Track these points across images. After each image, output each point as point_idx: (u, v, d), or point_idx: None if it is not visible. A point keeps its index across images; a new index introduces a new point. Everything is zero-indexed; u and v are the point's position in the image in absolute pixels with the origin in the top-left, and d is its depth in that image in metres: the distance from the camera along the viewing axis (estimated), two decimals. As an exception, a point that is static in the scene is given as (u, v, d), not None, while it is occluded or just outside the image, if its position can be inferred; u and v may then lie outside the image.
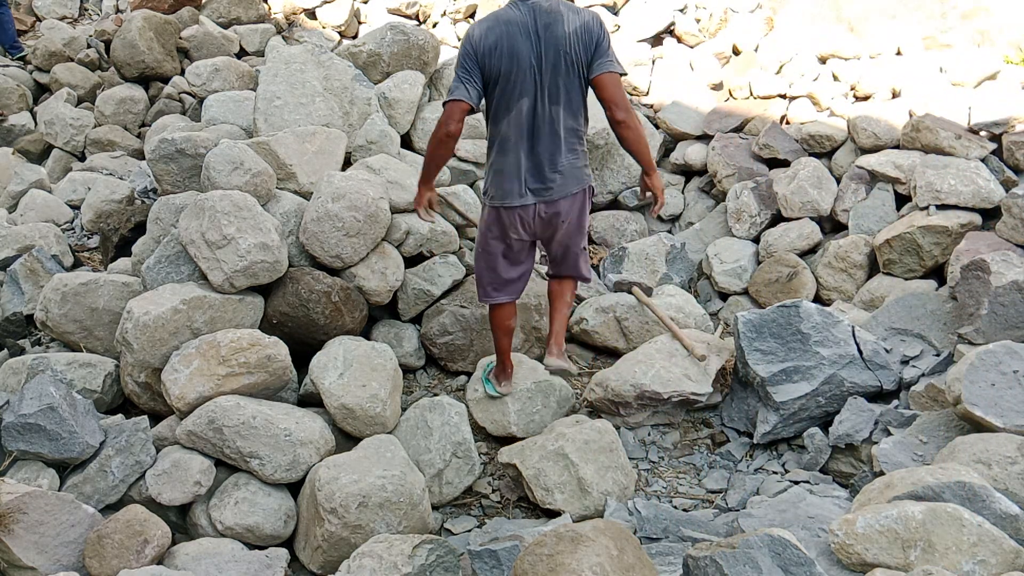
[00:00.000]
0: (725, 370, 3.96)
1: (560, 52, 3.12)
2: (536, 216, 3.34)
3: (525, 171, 3.26)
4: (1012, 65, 5.59)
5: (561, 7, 3.15)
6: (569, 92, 3.20)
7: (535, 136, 3.23)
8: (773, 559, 2.26)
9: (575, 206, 3.37)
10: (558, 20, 3.12)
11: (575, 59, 3.15)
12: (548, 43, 3.12)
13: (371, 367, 3.52)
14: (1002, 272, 3.60)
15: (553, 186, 3.27)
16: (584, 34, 3.14)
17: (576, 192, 3.33)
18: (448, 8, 8.25)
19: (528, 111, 3.19)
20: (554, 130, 3.22)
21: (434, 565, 2.64)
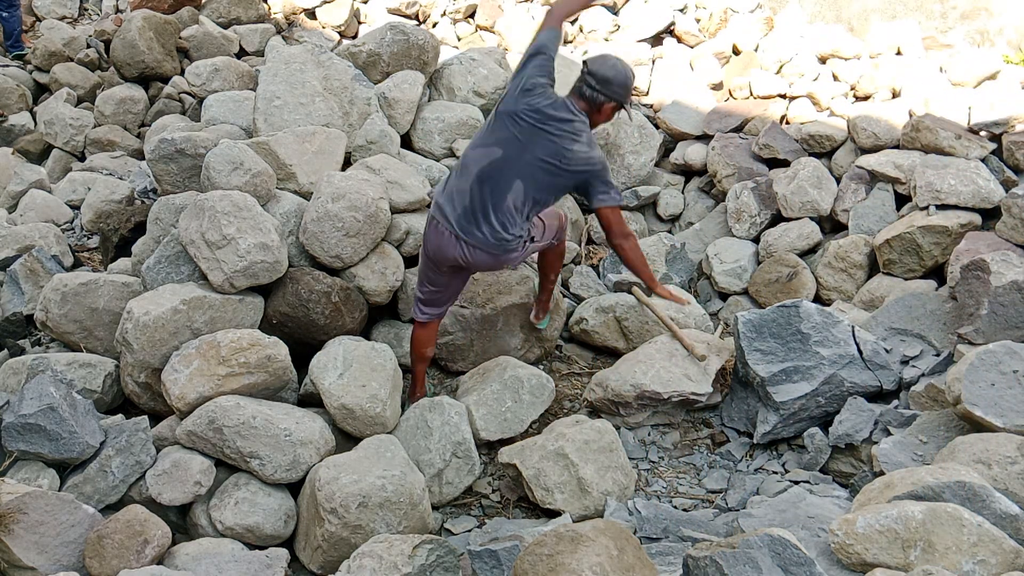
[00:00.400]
0: (725, 370, 3.96)
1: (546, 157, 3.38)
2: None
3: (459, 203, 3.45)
4: (1012, 65, 5.59)
5: (571, 129, 3.38)
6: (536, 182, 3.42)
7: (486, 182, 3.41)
8: (773, 559, 2.26)
9: (497, 262, 3.55)
10: (565, 135, 3.38)
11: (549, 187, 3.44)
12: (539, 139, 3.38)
13: (371, 367, 3.52)
14: (1002, 272, 3.60)
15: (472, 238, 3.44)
16: (576, 165, 3.40)
17: (500, 252, 3.47)
18: (448, 8, 8.25)
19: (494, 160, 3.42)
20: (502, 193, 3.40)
21: (434, 565, 2.64)
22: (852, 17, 6.72)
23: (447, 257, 3.51)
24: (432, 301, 3.71)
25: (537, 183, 3.39)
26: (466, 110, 5.01)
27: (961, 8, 6.23)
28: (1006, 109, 5.02)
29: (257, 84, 4.65)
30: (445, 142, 4.92)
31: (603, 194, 3.46)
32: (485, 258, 3.49)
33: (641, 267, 3.69)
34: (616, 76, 3.42)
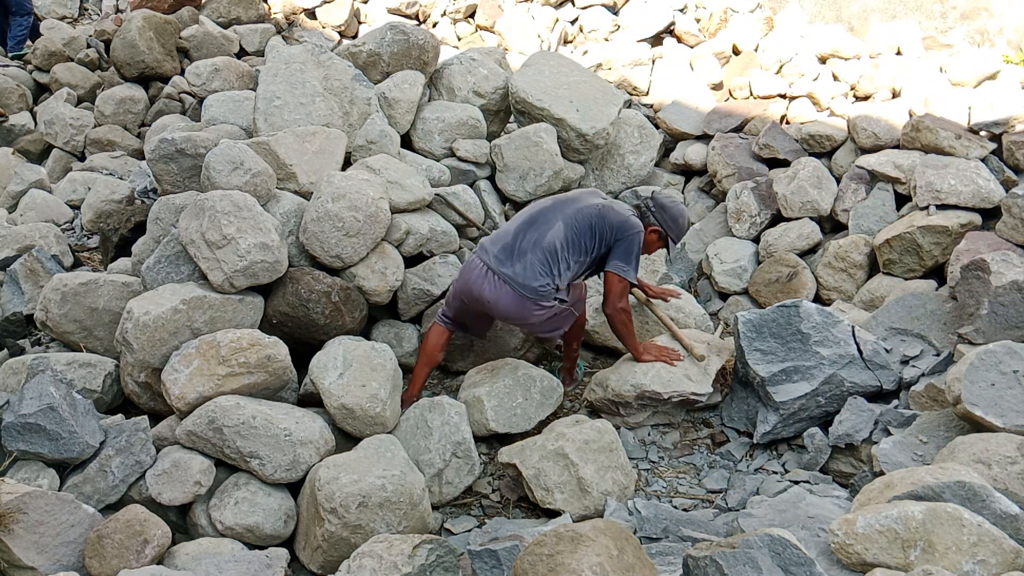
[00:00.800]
0: (725, 370, 3.96)
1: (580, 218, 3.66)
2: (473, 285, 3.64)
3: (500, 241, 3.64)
4: (1012, 65, 5.60)
5: (617, 212, 3.68)
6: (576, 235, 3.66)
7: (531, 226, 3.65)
8: (773, 559, 2.26)
9: (523, 307, 3.58)
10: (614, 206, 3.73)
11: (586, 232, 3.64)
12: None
13: (371, 367, 3.52)
14: (1002, 272, 3.60)
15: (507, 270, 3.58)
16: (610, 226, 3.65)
17: (525, 296, 3.55)
18: (448, 8, 8.25)
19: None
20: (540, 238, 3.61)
21: (434, 565, 2.64)
22: (852, 17, 6.72)
23: (474, 294, 3.62)
24: (459, 320, 3.85)
25: (578, 226, 3.61)
26: (466, 110, 5.01)
27: (961, 8, 6.23)
28: (1006, 109, 5.02)
29: (257, 84, 4.65)
30: (445, 142, 4.92)
31: (621, 263, 3.63)
32: (510, 300, 3.55)
33: (627, 337, 3.80)
34: (672, 208, 3.77)
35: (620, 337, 3.83)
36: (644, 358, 3.83)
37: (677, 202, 3.83)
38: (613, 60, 7.06)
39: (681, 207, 3.83)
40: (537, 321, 3.67)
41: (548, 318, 3.68)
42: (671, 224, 3.77)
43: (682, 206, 3.83)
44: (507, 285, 3.54)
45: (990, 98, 5.13)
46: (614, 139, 5.54)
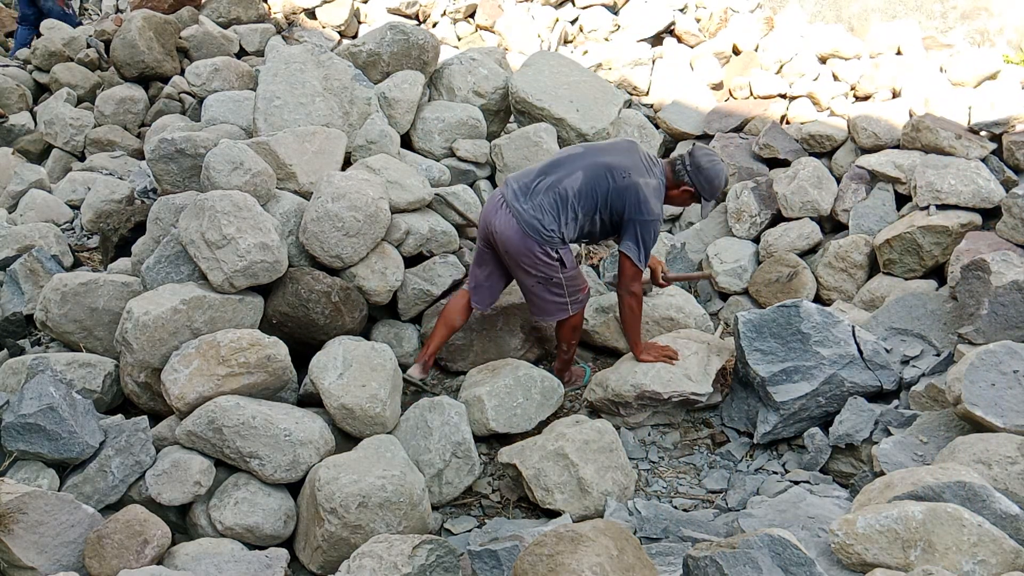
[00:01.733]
0: (725, 370, 3.96)
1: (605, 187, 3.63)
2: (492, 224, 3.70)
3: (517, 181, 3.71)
4: (1012, 65, 5.60)
5: (647, 173, 3.65)
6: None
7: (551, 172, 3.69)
8: (773, 559, 2.26)
9: (523, 243, 3.63)
10: (640, 170, 3.64)
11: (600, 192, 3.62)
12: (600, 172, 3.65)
13: (371, 367, 3.52)
14: (1002, 272, 3.60)
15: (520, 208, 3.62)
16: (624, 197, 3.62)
17: (527, 232, 3.60)
18: (448, 8, 8.25)
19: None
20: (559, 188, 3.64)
21: (434, 565, 2.64)
22: (852, 17, 6.72)
23: (488, 224, 3.73)
24: (477, 285, 3.90)
25: (594, 183, 3.60)
26: (466, 110, 5.01)
27: (961, 8, 6.23)
28: (1006, 109, 5.02)
29: (257, 84, 4.64)
30: (445, 142, 4.92)
31: (633, 245, 3.63)
32: (513, 232, 3.62)
33: (631, 325, 3.82)
34: (709, 170, 3.66)
35: (624, 324, 3.82)
36: (643, 358, 3.83)
37: (716, 160, 3.71)
38: (613, 60, 7.06)
39: (719, 167, 3.70)
40: (533, 271, 3.69)
41: (542, 278, 3.70)
42: (705, 185, 3.68)
43: (720, 165, 3.71)
44: (514, 219, 3.62)
45: (990, 98, 5.13)
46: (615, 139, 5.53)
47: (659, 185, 3.66)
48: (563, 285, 3.74)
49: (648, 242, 3.65)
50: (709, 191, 3.71)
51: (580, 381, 4.17)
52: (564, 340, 4.02)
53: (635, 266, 3.65)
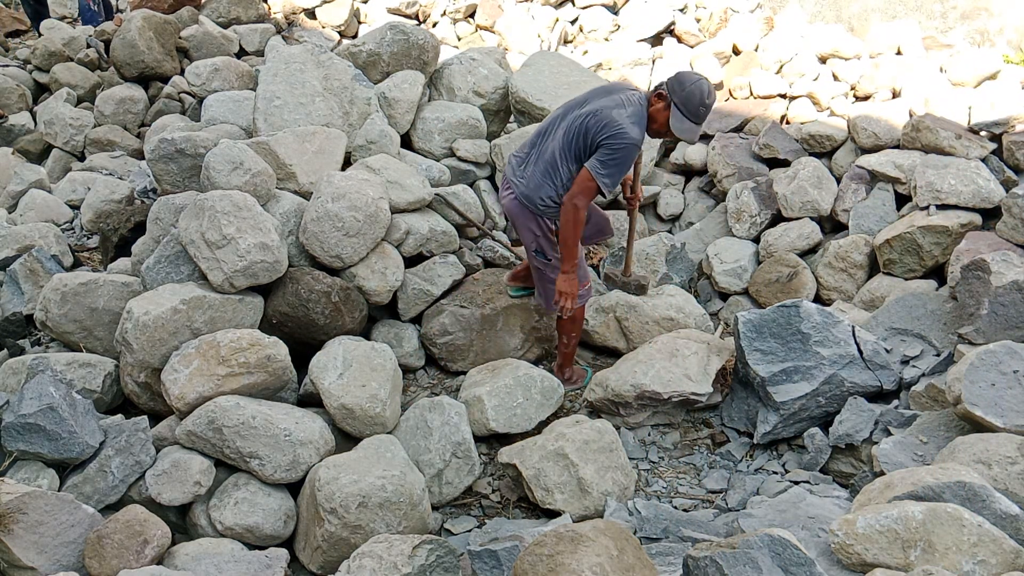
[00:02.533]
0: (725, 370, 3.96)
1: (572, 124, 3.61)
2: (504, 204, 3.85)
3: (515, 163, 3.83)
4: (1012, 65, 5.59)
5: (626, 98, 3.57)
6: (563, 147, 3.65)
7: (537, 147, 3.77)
8: (773, 559, 2.26)
9: (522, 216, 3.76)
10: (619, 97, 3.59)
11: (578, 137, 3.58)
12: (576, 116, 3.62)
13: (371, 367, 3.52)
14: (1002, 272, 3.60)
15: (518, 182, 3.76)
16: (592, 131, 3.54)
17: (525, 205, 3.71)
18: (448, 8, 8.25)
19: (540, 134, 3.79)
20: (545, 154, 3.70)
21: (434, 565, 2.64)
22: (852, 17, 6.72)
23: (500, 199, 3.90)
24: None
25: (572, 136, 3.57)
26: (466, 110, 5.01)
27: (961, 8, 6.23)
28: (1006, 109, 5.02)
29: (257, 84, 4.65)
30: (445, 142, 4.92)
31: (598, 164, 3.48)
32: (514, 207, 3.77)
33: (567, 238, 3.64)
34: (687, 79, 3.49)
35: (563, 236, 3.65)
36: (558, 282, 3.75)
37: (697, 77, 3.51)
38: (613, 60, 7.06)
39: (699, 81, 3.49)
40: (533, 246, 3.80)
41: (542, 260, 3.80)
42: (676, 87, 3.47)
43: (703, 83, 3.49)
44: (514, 193, 3.75)
45: (990, 98, 5.13)
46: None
47: (637, 111, 3.51)
48: (558, 266, 3.74)
49: (615, 162, 3.46)
50: (681, 95, 3.45)
51: (581, 382, 4.17)
52: (564, 332, 4.01)
53: (591, 181, 3.50)
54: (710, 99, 3.50)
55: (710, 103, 3.51)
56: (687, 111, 3.48)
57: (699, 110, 3.49)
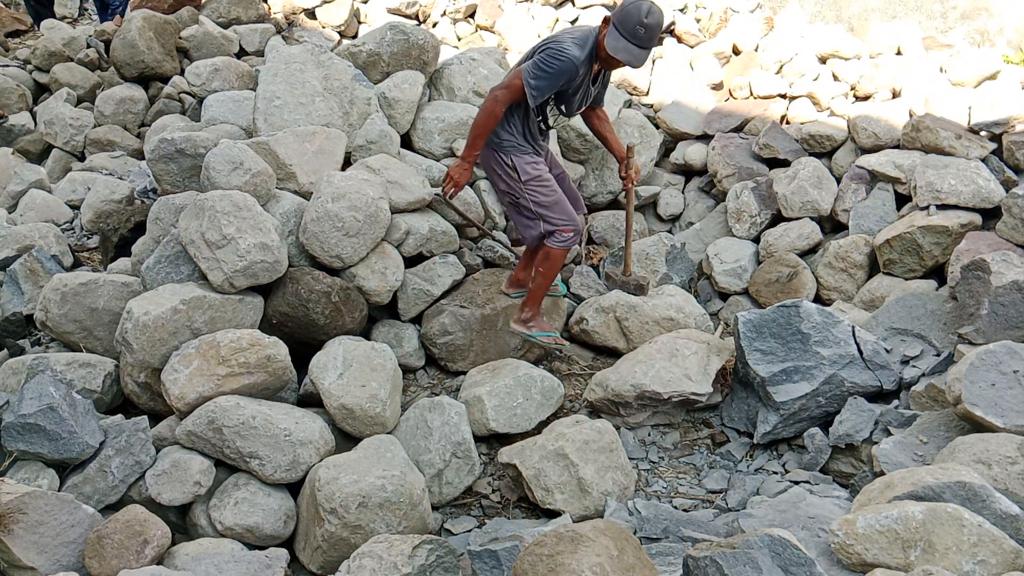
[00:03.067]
0: (725, 370, 3.96)
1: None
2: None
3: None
4: (1012, 65, 5.59)
5: (554, 36, 3.65)
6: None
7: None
8: (773, 559, 2.26)
9: (486, 158, 3.88)
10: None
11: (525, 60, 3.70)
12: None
13: (371, 367, 3.52)
14: (1002, 272, 3.60)
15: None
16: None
17: (488, 144, 3.80)
18: (448, 8, 8.24)
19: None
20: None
21: (434, 565, 2.64)
22: (852, 17, 6.71)
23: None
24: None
25: (522, 62, 3.69)
26: (466, 110, 5.01)
27: (961, 8, 6.22)
28: (1006, 109, 5.02)
29: (257, 84, 4.64)
30: (445, 142, 4.92)
31: (530, 67, 3.55)
32: (483, 151, 3.83)
33: (475, 124, 3.71)
34: (631, 2, 3.43)
35: (473, 122, 3.74)
36: (450, 169, 3.90)
37: (648, 4, 3.44)
38: (613, 60, 7.05)
39: (639, 1, 3.42)
40: (499, 186, 3.88)
41: (510, 197, 3.85)
42: (617, 9, 3.45)
43: (643, 2, 3.41)
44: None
45: (990, 98, 5.13)
46: (614, 139, 5.52)
47: (584, 35, 3.56)
48: (529, 204, 3.80)
49: (545, 72, 3.50)
50: (619, 16, 3.41)
51: (538, 329, 4.04)
52: (536, 265, 4.00)
53: (518, 79, 3.56)
54: (649, 18, 3.39)
55: (650, 22, 3.38)
56: (623, 30, 3.41)
57: (636, 29, 3.39)
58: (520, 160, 3.80)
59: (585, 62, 3.57)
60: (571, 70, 3.54)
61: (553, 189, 3.87)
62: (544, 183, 3.84)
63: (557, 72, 3.52)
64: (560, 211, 3.86)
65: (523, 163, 3.80)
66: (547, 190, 3.85)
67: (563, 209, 3.87)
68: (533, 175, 3.82)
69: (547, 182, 3.86)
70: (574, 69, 3.54)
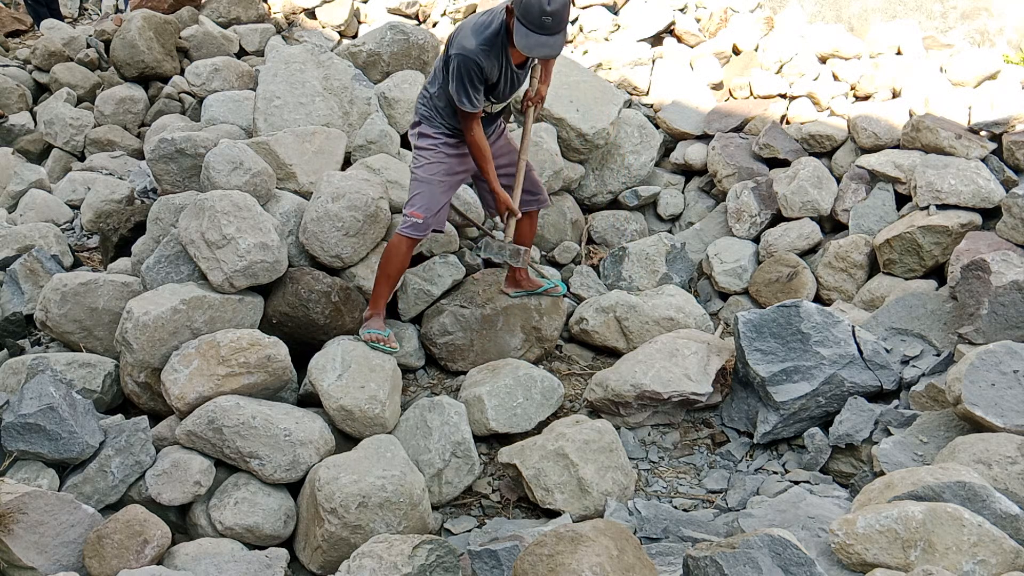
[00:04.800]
0: (725, 370, 3.96)
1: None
2: None
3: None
4: (1012, 65, 5.59)
5: (461, 24, 3.50)
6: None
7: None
8: (773, 559, 2.26)
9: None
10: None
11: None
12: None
13: (370, 368, 3.52)
14: (1002, 272, 3.60)
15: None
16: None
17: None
18: (448, 8, 8.24)
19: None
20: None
21: (434, 565, 2.64)
22: (852, 17, 6.71)
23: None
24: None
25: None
26: (466, 110, 5.00)
27: (961, 8, 6.22)
28: (1006, 109, 5.02)
29: (257, 84, 4.65)
30: (445, 142, 4.91)
31: (453, 81, 3.38)
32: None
33: (478, 163, 3.63)
34: None
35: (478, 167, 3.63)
36: (498, 192, 3.68)
37: None
38: (613, 60, 7.05)
39: None
40: (415, 153, 3.67)
41: (419, 162, 3.64)
42: (518, 3, 3.19)
43: None
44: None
45: (990, 98, 5.13)
46: (614, 139, 5.54)
47: (485, 22, 3.34)
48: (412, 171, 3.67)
49: (461, 80, 3.33)
50: (522, 10, 3.16)
51: (374, 331, 3.73)
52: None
53: (461, 108, 3.41)
54: (552, 5, 3.12)
55: (554, 8, 3.13)
56: (530, 24, 3.17)
57: (542, 20, 3.15)
58: (428, 129, 3.60)
59: (488, 52, 3.34)
60: (475, 67, 3.33)
61: (433, 173, 3.60)
62: (429, 161, 3.59)
63: (462, 76, 3.34)
64: (423, 196, 3.59)
65: (428, 131, 3.61)
66: (426, 168, 3.60)
67: (427, 195, 3.60)
68: (424, 147, 3.61)
69: (432, 163, 3.60)
70: (477, 66, 3.34)
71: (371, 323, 3.72)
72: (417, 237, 3.63)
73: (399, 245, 3.61)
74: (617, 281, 4.94)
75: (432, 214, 3.61)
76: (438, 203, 3.64)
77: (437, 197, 3.63)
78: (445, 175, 3.64)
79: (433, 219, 3.63)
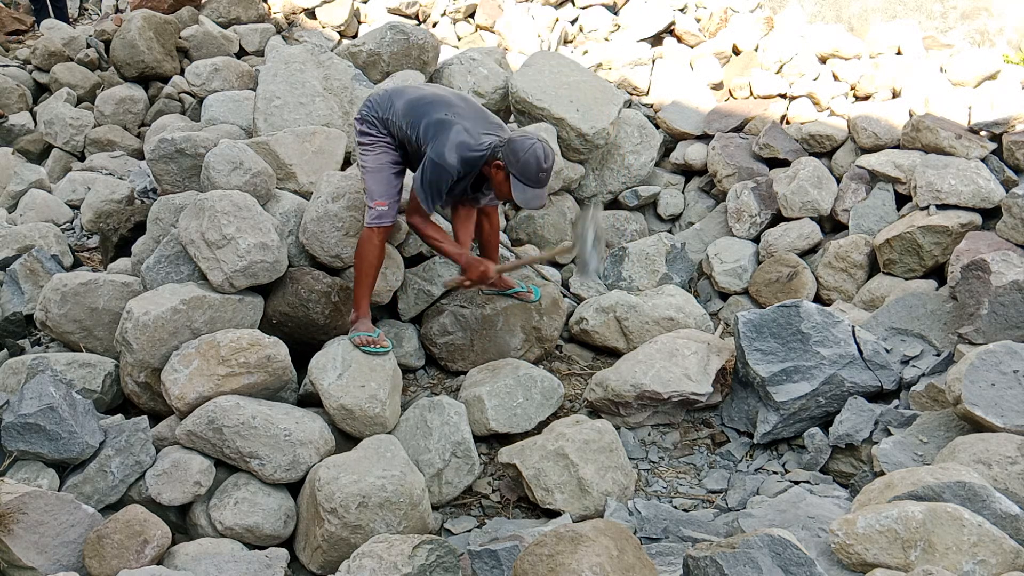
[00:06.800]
0: (725, 370, 3.96)
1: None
2: None
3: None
4: (1012, 65, 5.60)
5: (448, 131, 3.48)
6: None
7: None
8: (773, 559, 2.26)
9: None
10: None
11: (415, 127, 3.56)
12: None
13: (370, 367, 3.52)
14: (1002, 272, 3.60)
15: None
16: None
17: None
18: (448, 8, 8.24)
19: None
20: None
21: (434, 565, 2.64)
22: (852, 17, 6.72)
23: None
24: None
25: (420, 107, 3.56)
26: (466, 110, 5.00)
27: (961, 8, 6.23)
28: (1006, 109, 5.02)
29: (257, 84, 4.65)
30: (445, 142, 4.91)
31: (418, 182, 3.48)
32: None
33: (436, 249, 3.77)
34: (520, 148, 3.36)
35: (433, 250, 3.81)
36: (469, 271, 3.70)
37: (533, 143, 3.36)
38: (613, 60, 7.05)
39: (534, 148, 3.34)
40: (360, 148, 3.66)
41: (366, 154, 3.63)
42: (512, 158, 3.35)
43: (539, 146, 3.35)
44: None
45: (990, 98, 5.13)
46: (614, 139, 5.54)
47: (472, 144, 3.43)
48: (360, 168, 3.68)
49: (430, 183, 3.42)
50: (518, 166, 3.34)
51: (362, 330, 3.71)
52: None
53: (414, 200, 3.52)
54: (547, 162, 3.38)
55: (548, 166, 3.40)
56: (527, 180, 3.37)
57: (539, 176, 3.38)
58: (370, 129, 3.61)
59: (462, 172, 3.49)
60: (448, 178, 3.47)
61: (382, 162, 3.62)
62: (376, 153, 3.61)
63: (439, 181, 3.45)
64: (379, 183, 3.60)
65: (370, 131, 3.61)
66: (373, 158, 3.61)
67: (382, 181, 3.60)
68: (367, 143, 3.61)
69: (379, 153, 3.61)
70: (451, 177, 3.47)
71: (358, 325, 3.70)
72: (386, 226, 3.64)
73: (370, 238, 3.61)
74: (617, 281, 4.94)
75: (393, 199, 3.64)
76: (395, 187, 3.67)
77: (392, 181, 3.65)
78: (393, 163, 3.68)
79: (395, 204, 3.67)
